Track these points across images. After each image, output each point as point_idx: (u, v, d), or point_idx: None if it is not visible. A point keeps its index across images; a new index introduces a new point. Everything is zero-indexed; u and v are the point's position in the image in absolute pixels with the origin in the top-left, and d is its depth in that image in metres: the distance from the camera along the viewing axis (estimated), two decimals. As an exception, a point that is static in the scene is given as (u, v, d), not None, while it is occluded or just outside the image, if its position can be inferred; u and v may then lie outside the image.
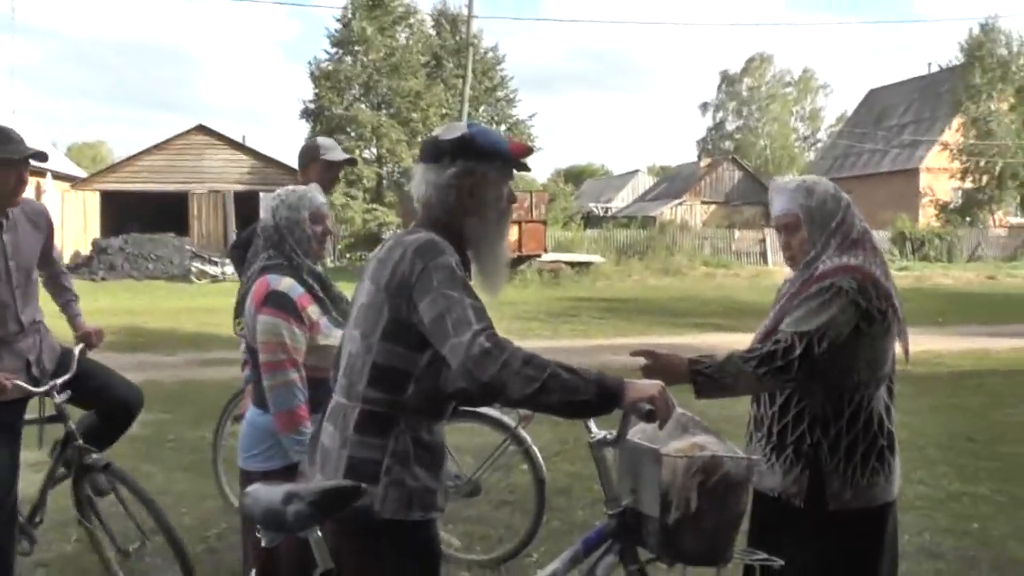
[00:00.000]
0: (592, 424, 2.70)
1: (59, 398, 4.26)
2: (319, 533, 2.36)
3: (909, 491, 6.25)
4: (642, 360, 2.86)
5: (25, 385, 4.13)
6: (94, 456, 4.37)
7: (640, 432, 2.71)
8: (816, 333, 2.81)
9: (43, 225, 4.35)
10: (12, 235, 4.11)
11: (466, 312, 2.34)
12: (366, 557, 2.48)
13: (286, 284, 3.34)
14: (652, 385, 2.40)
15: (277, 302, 3.30)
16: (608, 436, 2.66)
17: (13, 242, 4.11)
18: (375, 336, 2.48)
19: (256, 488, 2.40)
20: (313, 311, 3.36)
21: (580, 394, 2.30)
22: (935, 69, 49.21)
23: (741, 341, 3.29)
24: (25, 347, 4.23)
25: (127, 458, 7.16)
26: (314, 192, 3.54)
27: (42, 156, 4.09)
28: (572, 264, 28.37)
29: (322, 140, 4.97)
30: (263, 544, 2.37)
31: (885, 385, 3.06)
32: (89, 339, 4.68)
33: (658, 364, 2.85)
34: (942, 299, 23.66)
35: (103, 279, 27.37)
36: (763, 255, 34.39)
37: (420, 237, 2.49)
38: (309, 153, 4.85)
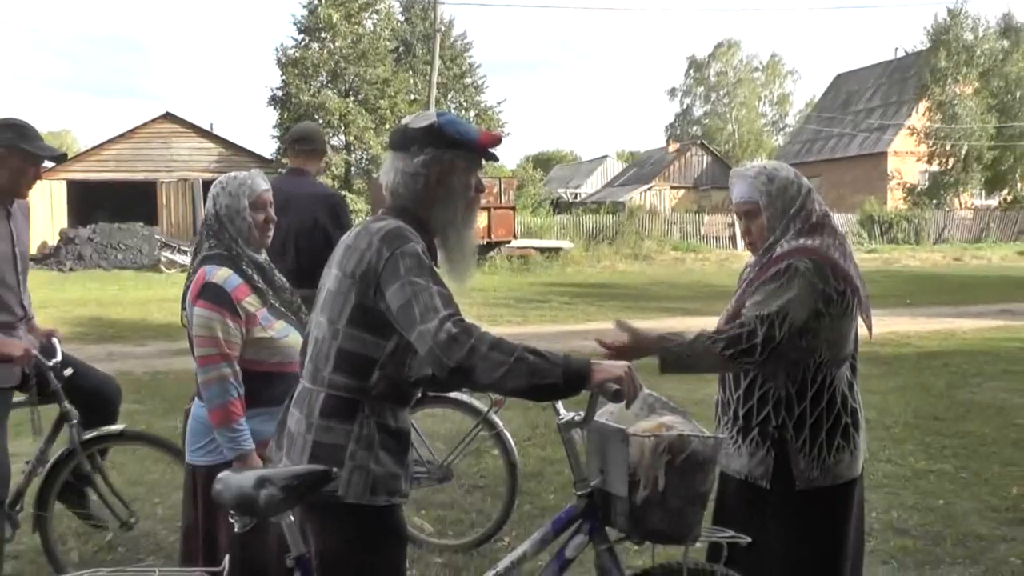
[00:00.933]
0: (560, 406, 2.73)
1: (57, 381, 4.35)
2: (292, 518, 2.37)
3: (876, 469, 6.35)
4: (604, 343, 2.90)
5: (40, 357, 4.19)
6: (110, 428, 4.57)
7: (607, 413, 2.74)
8: (777, 315, 2.84)
9: (27, 218, 4.47)
10: (15, 223, 4.26)
11: (433, 299, 2.36)
12: (331, 541, 2.50)
13: (221, 276, 3.27)
14: (619, 366, 2.42)
15: (212, 295, 3.24)
16: (576, 417, 2.67)
17: (16, 230, 4.26)
18: (341, 322, 2.49)
19: (227, 474, 2.40)
20: (251, 303, 3.29)
21: (547, 377, 2.32)
22: (901, 54, 49.62)
23: (710, 324, 3.33)
24: (22, 332, 4.32)
25: (97, 448, 7.12)
26: (256, 179, 3.45)
27: (63, 158, 4.40)
28: (541, 250, 28.41)
29: None
30: (236, 529, 2.37)
31: (848, 364, 3.10)
32: (53, 335, 4.64)
33: (632, 337, 2.89)
34: (910, 281, 23.92)
35: (71, 269, 27.14)
36: (732, 239, 34.56)
37: (386, 225, 2.50)
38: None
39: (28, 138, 4.17)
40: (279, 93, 36.62)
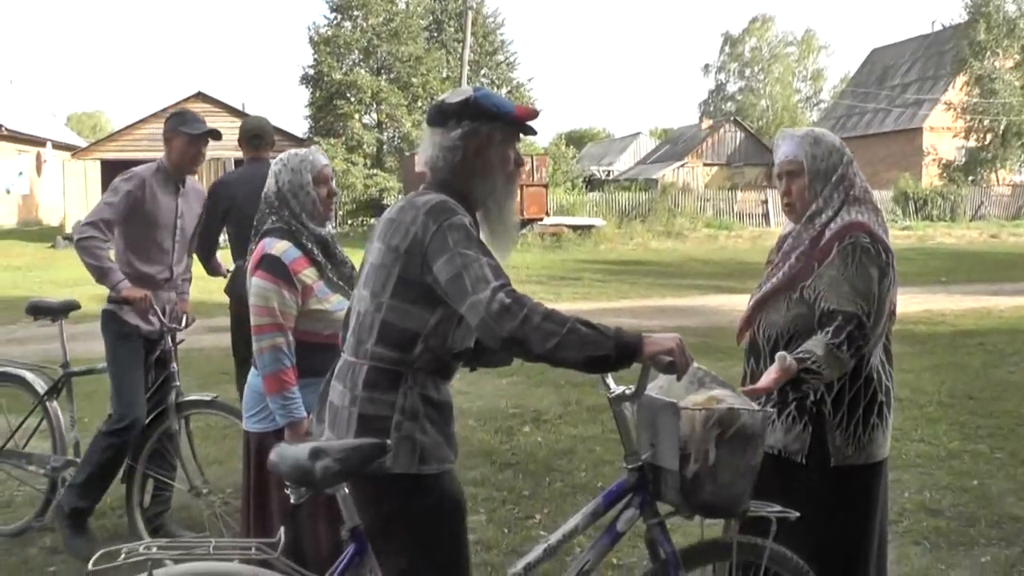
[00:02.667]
0: (610, 380, 2.71)
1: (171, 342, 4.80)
2: (346, 490, 2.39)
3: (909, 449, 6.30)
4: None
5: (156, 310, 4.64)
6: (203, 394, 4.91)
7: (657, 387, 2.73)
8: (872, 299, 2.89)
9: (199, 202, 5.09)
10: (184, 200, 4.90)
11: (483, 269, 2.38)
12: (386, 512, 2.53)
13: (280, 248, 3.36)
14: (670, 338, 2.42)
15: (269, 266, 3.33)
16: (627, 391, 2.66)
17: (184, 206, 4.89)
18: (385, 295, 2.52)
19: (282, 446, 2.43)
20: (308, 275, 3.37)
21: (600, 348, 2.33)
22: (939, 27, 48.85)
23: (743, 302, 3.31)
24: (166, 296, 4.86)
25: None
26: (316, 154, 3.54)
27: (216, 134, 4.90)
28: (574, 227, 28.32)
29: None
30: (292, 501, 2.41)
31: (882, 343, 3.08)
32: (187, 312, 5.11)
33: (781, 369, 2.83)
34: (945, 258, 23.67)
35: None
36: (765, 216, 34.31)
37: (431, 198, 2.52)
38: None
39: (186, 122, 4.81)
40: (311, 72, 36.60)
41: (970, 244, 29.54)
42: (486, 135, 2.61)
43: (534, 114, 2.69)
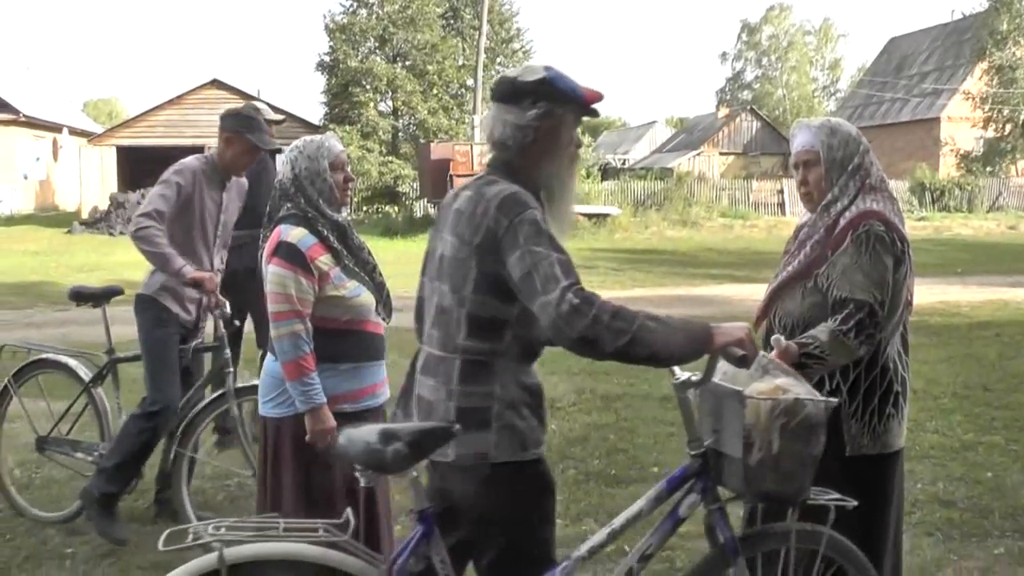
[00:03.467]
0: (675, 367, 2.73)
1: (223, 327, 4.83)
2: (415, 473, 2.41)
3: (923, 440, 6.29)
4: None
5: (223, 302, 4.72)
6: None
7: (721, 373, 2.73)
8: (885, 288, 2.91)
9: (240, 198, 5.15)
10: (228, 194, 4.96)
11: (553, 268, 2.38)
12: (493, 501, 2.55)
13: (296, 235, 3.36)
14: (739, 328, 2.45)
15: (286, 253, 3.34)
16: (693, 378, 2.67)
17: (228, 200, 4.96)
18: (467, 289, 2.53)
19: (350, 430, 2.45)
20: (324, 262, 3.38)
21: (670, 344, 2.36)
22: (958, 16, 48.47)
23: (758, 292, 3.31)
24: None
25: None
26: (332, 140, 3.54)
27: (278, 151, 4.98)
28: (589, 216, 28.24)
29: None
30: (363, 484, 2.43)
31: (899, 332, 3.08)
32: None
33: (780, 354, 2.88)
34: (961, 249, 23.55)
35: (121, 233, 27.35)
36: (781, 206, 34.15)
37: (502, 190, 2.52)
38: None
39: (254, 130, 4.83)
40: (327, 59, 36.59)
41: (987, 235, 29.36)
42: (559, 117, 2.61)
43: (601, 97, 2.70)
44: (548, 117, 2.58)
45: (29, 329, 11.68)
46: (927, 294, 14.25)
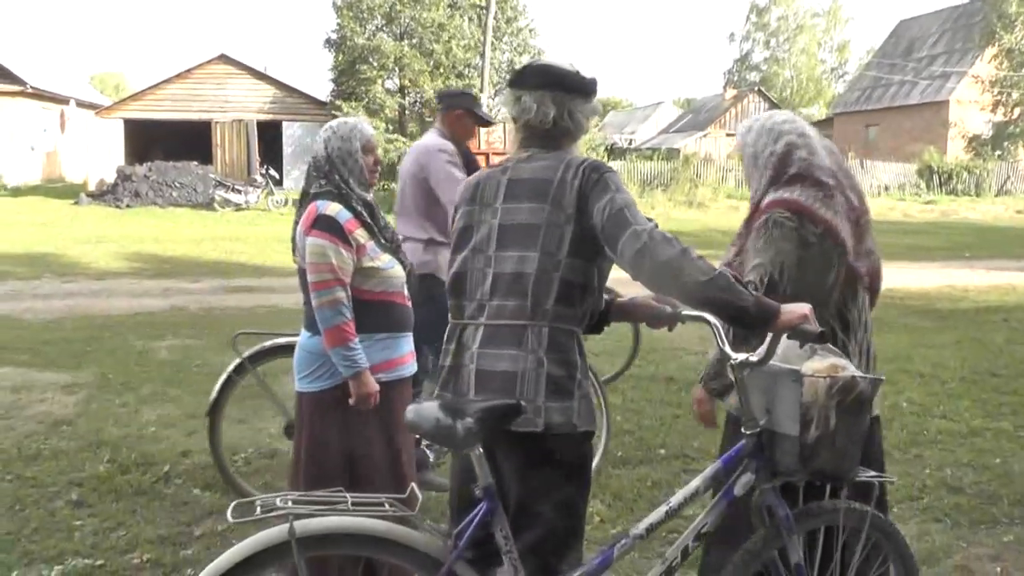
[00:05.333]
0: (727, 347, 2.77)
1: None
2: (481, 449, 2.42)
3: (930, 425, 6.28)
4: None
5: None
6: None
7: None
8: (771, 266, 2.97)
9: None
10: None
11: (640, 212, 2.55)
12: (559, 470, 2.57)
13: (333, 209, 3.47)
14: (803, 307, 2.52)
15: (325, 225, 3.44)
16: (752, 358, 2.70)
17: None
18: (561, 254, 2.59)
19: (418, 405, 2.48)
20: (360, 235, 3.49)
21: (743, 299, 2.44)
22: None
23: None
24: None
25: (155, 382, 7.29)
26: (364, 125, 3.65)
27: (490, 123, 5.53)
28: (595, 196, 28.18)
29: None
30: (431, 460, 2.45)
31: (838, 311, 3.12)
32: None
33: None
34: (968, 233, 23.50)
35: (128, 206, 27.42)
36: (788, 188, 34.02)
37: (579, 156, 2.70)
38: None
39: (478, 106, 5.35)
40: (334, 36, 36.45)
41: (995, 219, 29.29)
42: (592, 111, 2.83)
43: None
44: (593, 113, 2.83)
45: (36, 300, 11.70)
46: (934, 278, 14.22)
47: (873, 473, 2.83)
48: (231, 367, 4.85)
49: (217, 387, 4.83)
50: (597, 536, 4.31)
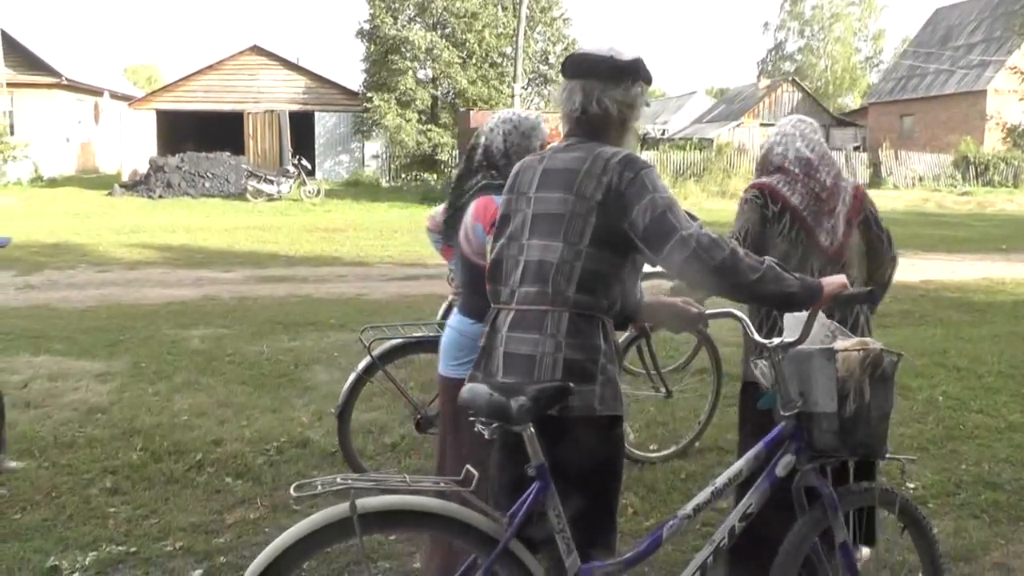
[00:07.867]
0: (756, 335, 2.91)
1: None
2: (532, 429, 2.45)
3: (967, 420, 6.19)
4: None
5: None
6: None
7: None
8: (738, 233, 3.59)
9: None
10: None
11: (683, 212, 2.59)
12: (588, 454, 2.60)
13: None
14: (839, 278, 2.70)
15: None
16: (787, 340, 2.81)
17: None
18: (583, 244, 2.62)
19: (473, 384, 2.54)
20: None
21: (791, 286, 2.58)
22: (1007, -14, 47.41)
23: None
24: None
25: (188, 371, 7.33)
26: (542, 123, 3.63)
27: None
28: (627, 186, 28.07)
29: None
30: (487, 436, 2.49)
31: None
32: None
33: None
34: (1005, 225, 23.20)
35: (160, 196, 27.63)
36: (821, 179, 33.73)
37: (617, 151, 2.68)
38: None
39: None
40: (366, 26, 36.52)
41: (1032, 211, 28.87)
42: (643, 96, 2.84)
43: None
44: (641, 96, 2.81)
45: (71, 290, 11.82)
46: (970, 270, 14.05)
47: (897, 454, 2.97)
48: (360, 367, 4.77)
49: (346, 388, 4.79)
50: (631, 528, 4.30)
